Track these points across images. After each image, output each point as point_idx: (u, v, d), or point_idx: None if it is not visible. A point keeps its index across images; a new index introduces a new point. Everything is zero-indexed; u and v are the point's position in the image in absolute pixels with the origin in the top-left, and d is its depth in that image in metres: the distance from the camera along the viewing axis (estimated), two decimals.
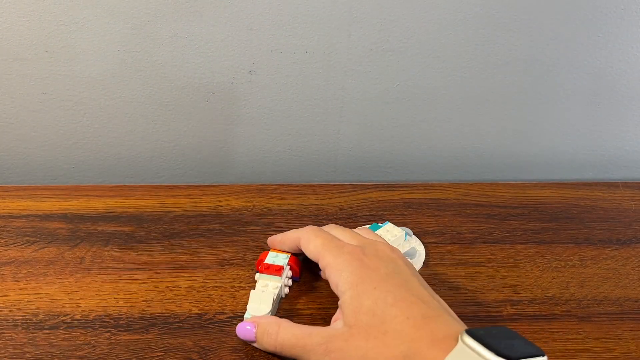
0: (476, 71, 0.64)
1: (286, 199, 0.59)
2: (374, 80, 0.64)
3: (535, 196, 0.61)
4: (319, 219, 0.56)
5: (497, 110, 0.67)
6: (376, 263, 0.41)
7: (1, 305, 0.45)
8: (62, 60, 0.60)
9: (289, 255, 0.47)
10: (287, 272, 0.47)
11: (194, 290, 0.47)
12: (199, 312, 0.45)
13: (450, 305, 0.40)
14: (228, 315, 0.45)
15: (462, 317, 0.44)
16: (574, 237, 0.55)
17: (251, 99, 0.64)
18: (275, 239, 0.49)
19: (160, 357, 0.41)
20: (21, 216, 0.55)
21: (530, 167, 0.71)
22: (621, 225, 0.57)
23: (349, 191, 0.60)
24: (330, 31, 0.60)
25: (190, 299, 0.46)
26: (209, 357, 0.41)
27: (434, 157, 0.70)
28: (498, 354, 0.32)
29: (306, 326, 0.41)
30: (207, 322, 0.44)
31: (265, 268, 0.46)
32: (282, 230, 0.54)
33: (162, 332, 0.43)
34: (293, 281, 0.48)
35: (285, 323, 0.41)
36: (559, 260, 0.52)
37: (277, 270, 0.46)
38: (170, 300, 0.46)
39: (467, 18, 0.60)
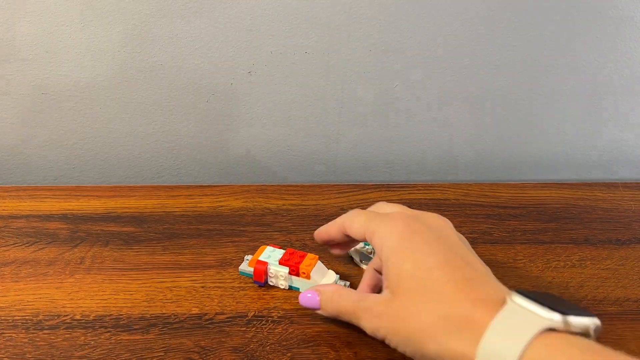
0: (476, 71, 0.64)
1: (286, 199, 0.59)
2: (374, 80, 0.64)
3: (535, 196, 0.61)
4: (319, 219, 0.56)
5: (497, 110, 0.67)
6: (422, 228, 0.39)
7: (1, 305, 0.45)
8: (63, 61, 0.60)
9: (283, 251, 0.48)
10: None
11: (194, 290, 0.47)
12: (199, 312, 0.45)
13: None
14: (228, 316, 0.45)
15: None
16: (574, 238, 0.55)
17: (251, 99, 0.64)
18: (320, 231, 0.47)
19: (160, 357, 0.41)
20: (21, 216, 0.55)
21: (530, 167, 0.71)
22: (621, 226, 0.57)
23: (349, 191, 0.60)
24: (330, 31, 0.60)
25: (190, 299, 0.46)
26: (209, 357, 0.41)
27: (434, 157, 0.70)
28: (551, 309, 0.32)
29: (363, 293, 0.42)
30: (207, 322, 0.44)
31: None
32: (282, 230, 0.54)
33: (162, 332, 0.43)
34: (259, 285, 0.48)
35: (345, 290, 0.42)
36: (559, 260, 0.52)
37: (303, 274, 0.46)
38: (170, 301, 0.46)
39: (467, 18, 0.60)
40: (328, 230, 0.46)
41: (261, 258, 0.47)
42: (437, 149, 0.69)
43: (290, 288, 0.47)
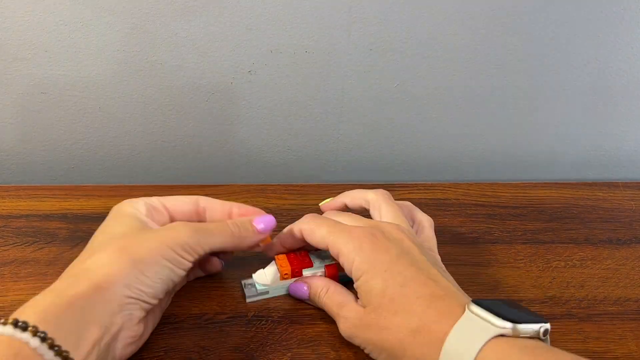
0: (476, 71, 0.64)
1: (286, 199, 0.59)
2: (374, 80, 0.63)
3: (535, 196, 0.61)
4: None
5: (497, 110, 0.67)
6: (386, 244, 0.41)
7: (1, 305, 0.45)
8: (62, 60, 0.60)
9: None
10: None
11: (194, 290, 0.47)
12: (199, 312, 0.45)
13: None
14: (228, 316, 0.45)
15: None
16: (574, 237, 0.55)
17: (251, 99, 0.64)
18: (274, 245, 0.47)
19: (160, 357, 0.41)
20: (21, 216, 0.55)
21: (530, 167, 0.71)
22: (621, 226, 0.57)
23: None
24: (330, 31, 0.60)
25: (191, 299, 0.46)
26: (208, 357, 0.41)
27: (434, 157, 0.70)
28: (504, 318, 0.35)
29: (347, 295, 0.43)
30: (207, 322, 0.44)
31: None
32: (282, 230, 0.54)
33: (162, 332, 0.43)
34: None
35: (332, 288, 0.44)
36: (559, 260, 0.52)
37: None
38: (170, 300, 0.46)
39: (467, 18, 0.60)
40: (283, 241, 0.47)
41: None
42: (437, 149, 0.69)
43: None
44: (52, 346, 0.32)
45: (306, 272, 0.46)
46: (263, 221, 0.45)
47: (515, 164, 0.71)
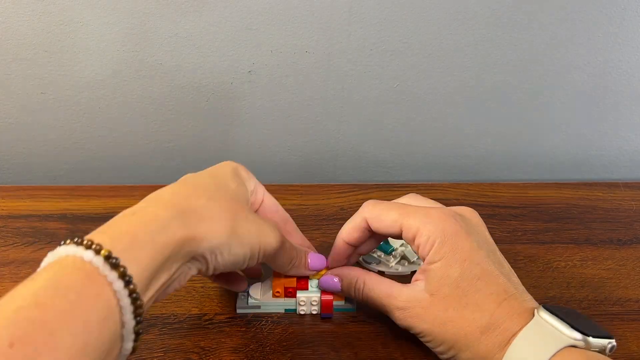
0: (476, 71, 0.64)
1: (286, 199, 0.58)
2: (374, 80, 0.63)
3: (535, 196, 0.61)
4: (319, 219, 0.56)
5: (497, 110, 0.67)
6: (468, 231, 0.39)
7: None
8: (62, 60, 0.60)
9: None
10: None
11: (194, 290, 0.47)
12: (199, 312, 0.45)
13: None
14: (228, 316, 0.45)
15: None
16: (575, 238, 0.55)
17: (251, 99, 0.64)
18: (336, 248, 0.44)
19: (160, 357, 0.41)
20: (21, 216, 0.55)
21: (530, 167, 0.71)
22: (622, 226, 0.57)
23: (349, 191, 0.60)
24: (330, 31, 0.60)
25: (190, 299, 0.46)
26: (208, 357, 0.41)
27: (434, 157, 0.69)
28: (573, 327, 0.34)
29: (390, 283, 0.41)
30: (207, 322, 0.44)
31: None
32: None
33: (161, 332, 0.43)
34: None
35: (371, 279, 0.41)
36: (560, 260, 0.52)
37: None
38: (170, 300, 0.46)
39: (467, 18, 0.60)
40: (345, 237, 0.43)
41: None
42: (437, 149, 0.69)
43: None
44: (127, 284, 0.29)
45: (300, 294, 0.44)
46: (317, 259, 0.43)
47: (515, 164, 0.71)
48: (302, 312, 0.45)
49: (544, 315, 0.35)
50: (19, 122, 0.63)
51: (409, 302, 0.39)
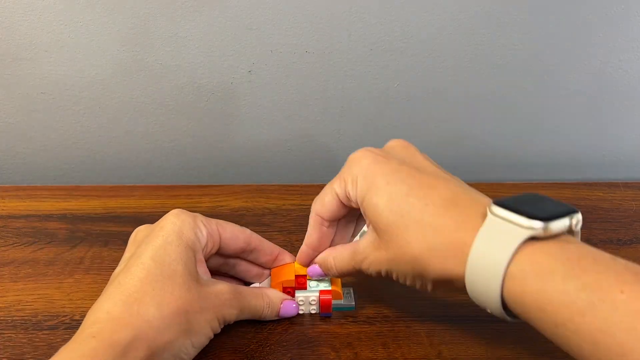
0: (476, 71, 0.64)
1: (286, 199, 0.59)
2: (374, 80, 0.63)
3: None
4: None
5: (497, 110, 0.67)
6: (386, 157, 0.38)
7: (0, 305, 0.45)
8: (62, 60, 0.60)
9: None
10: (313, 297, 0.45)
11: None
12: None
13: (451, 306, 0.39)
14: None
15: (464, 317, 0.44)
16: None
17: (251, 98, 0.64)
18: (305, 254, 0.43)
19: None
20: (21, 216, 0.55)
21: (530, 167, 0.71)
22: (622, 226, 0.56)
23: None
24: (330, 31, 0.60)
25: None
26: (208, 357, 0.41)
27: (434, 157, 0.69)
28: (530, 216, 0.30)
29: (351, 245, 0.40)
30: None
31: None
32: (282, 230, 0.54)
33: None
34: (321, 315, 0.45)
35: (335, 252, 0.41)
36: None
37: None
38: None
39: (467, 18, 0.60)
40: (319, 212, 0.41)
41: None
42: (437, 149, 0.69)
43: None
44: None
45: (299, 294, 0.44)
46: (288, 308, 0.43)
47: (515, 164, 0.71)
48: (301, 312, 0.44)
49: (497, 211, 0.32)
50: (19, 122, 0.63)
51: (366, 250, 0.38)
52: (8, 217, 0.55)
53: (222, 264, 0.44)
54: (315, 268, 0.43)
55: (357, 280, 0.47)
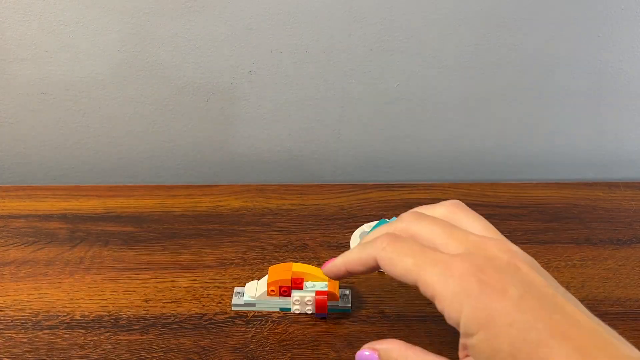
0: (476, 71, 0.64)
1: (286, 199, 0.59)
2: (374, 80, 0.63)
3: (535, 196, 0.61)
4: (319, 219, 0.56)
5: (497, 110, 0.67)
6: (498, 281, 0.30)
7: (1, 305, 0.45)
8: (62, 60, 0.60)
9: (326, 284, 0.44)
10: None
11: (194, 290, 0.47)
12: (199, 312, 0.45)
13: None
14: (228, 316, 0.45)
15: None
16: (575, 237, 0.55)
17: (251, 99, 0.64)
18: (335, 267, 0.37)
19: (160, 357, 0.41)
20: (21, 216, 0.55)
21: (530, 167, 0.71)
22: (622, 226, 0.57)
23: (349, 191, 0.60)
24: (330, 31, 0.60)
25: (190, 299, 0.46)
26: (208, 357, 0.41)
27: (434, 157, 0.69)
28: None
29: (437, 358, 0.33)
30: (207, 322, 0.44)
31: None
32: (282, 230, 0.54)
33: (161, 332, 0.43)
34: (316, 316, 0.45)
35: (413, 353, 0.34)
36: (560, 260, 0.52)
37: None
38: (170, 301, 0.46)
39: (467, 18, 0.60)
40: (349, 267, 0.36)
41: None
42: (437, 149, 0.69)
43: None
44: None
45: (295, 294, 0.44)
46: None
47: (515, 164, 0.71)
48: (296, 311, 0.45)
49: None
50: (19, 122, 0.63)
51: None
52: (8, 217, 0.55)
53: None
54: (366, 355, 0.36)
55: (356, 280, 0.47)
